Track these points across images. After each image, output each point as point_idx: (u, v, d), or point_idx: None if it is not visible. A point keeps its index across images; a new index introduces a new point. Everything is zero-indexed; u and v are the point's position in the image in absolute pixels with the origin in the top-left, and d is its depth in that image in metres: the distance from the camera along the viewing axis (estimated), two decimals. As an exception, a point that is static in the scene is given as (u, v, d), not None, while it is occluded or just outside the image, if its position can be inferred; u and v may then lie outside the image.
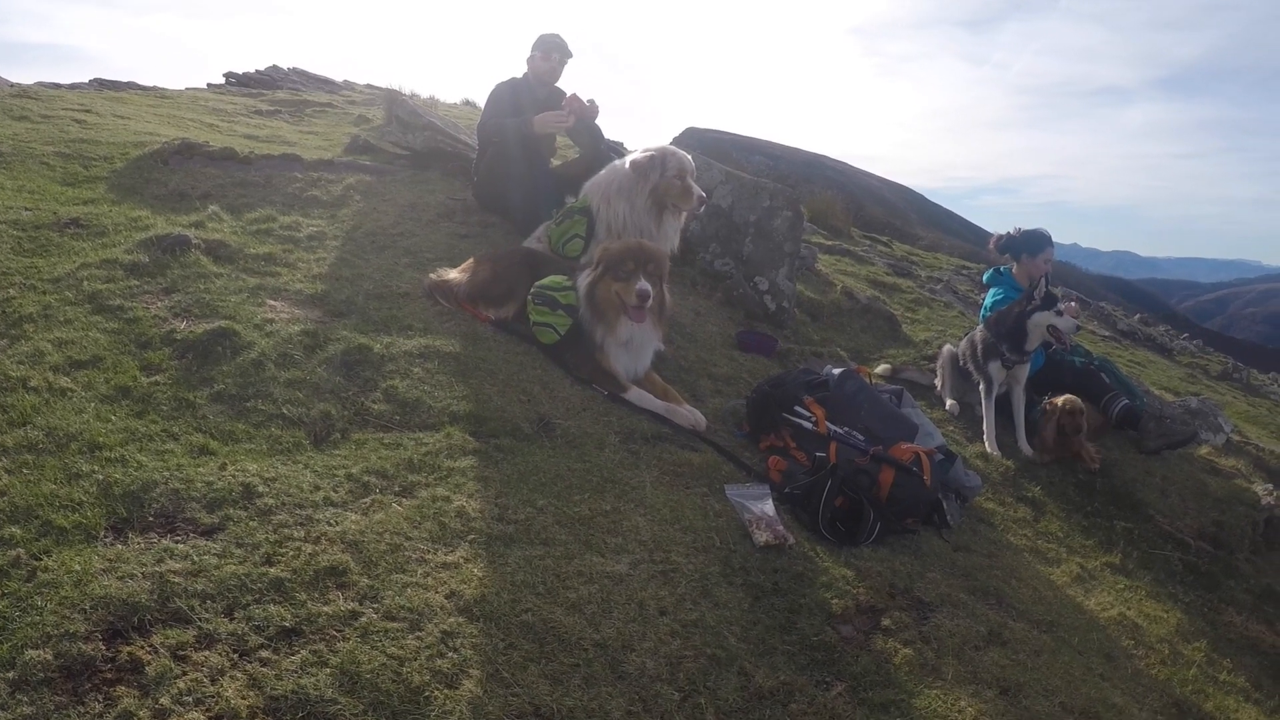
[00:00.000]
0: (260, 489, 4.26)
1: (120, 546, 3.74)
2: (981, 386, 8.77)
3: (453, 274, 7.20)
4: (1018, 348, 8.65)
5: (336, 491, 4.39)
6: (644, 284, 6.32)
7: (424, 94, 19.38)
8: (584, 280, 6.50)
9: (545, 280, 6.64)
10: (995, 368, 8.64)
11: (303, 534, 3.99)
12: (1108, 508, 7.87)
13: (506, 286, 6.92)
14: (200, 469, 4.36)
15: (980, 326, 9.04)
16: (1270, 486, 9.29)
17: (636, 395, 6.36)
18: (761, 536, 4.98)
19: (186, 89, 17.65)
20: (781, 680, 3.99)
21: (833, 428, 6.23)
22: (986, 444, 8.36)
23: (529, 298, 6.60)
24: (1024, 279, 9.90)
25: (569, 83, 9.88)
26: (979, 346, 8.78)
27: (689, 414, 6.32)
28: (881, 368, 9.43)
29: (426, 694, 3.29)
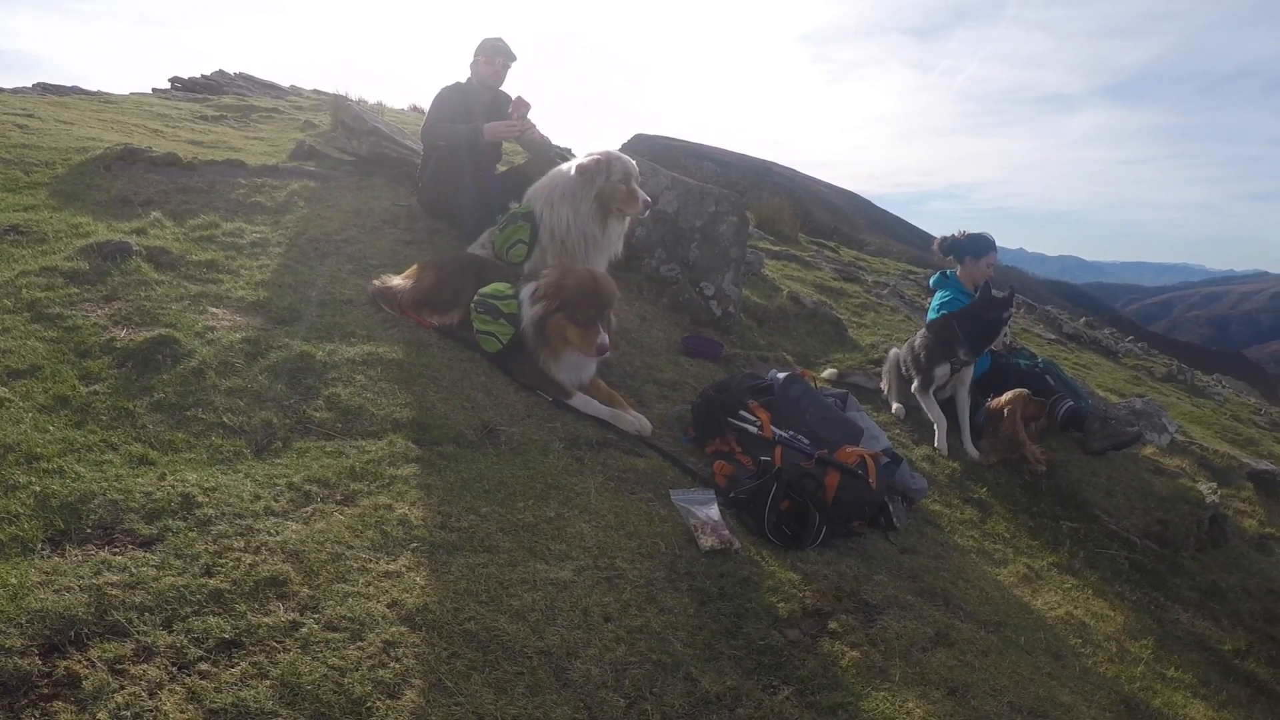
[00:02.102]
0: (200, 499, 4.20)
1: (57, 559, 3.68)
2: (917, 386, 8.83)
3: (396, 280, 7.17)
4: (978, 348, 8.74)
5: (277, 501, 4.35)
6: (604, 338, 6.31)
7: (371, 100, 19.33)
8: (532, 307, 6.43)
9: (488, 288, 6.62)
10: (942, 370, 8.70)
11: (243, 544, 3.94)
12: (1054, 508, 7.95)
13: (451, 293, 6.89)
14: (139, 479, 4.30)
15: (923, 331, 9.08)
16: (1214, 485, 9.40)
17: (581, 401, 6.35)
18: (707, 541, 4.98)
19: (131, 94, 17.48)
20: (728, 685, 3.99)
21: (778, 432, 6.24)
22: (938, 443, 8.45)
23: (472, 305, 6.58)
24: (969, 282, 9.99)
25: (512, 86, 9.89)
26: (923, 350, 8.82)
27: (634, 420, 6.32)
28: (828, 372, 9.46)
29: (368, 705, 3.26)
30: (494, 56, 9.55)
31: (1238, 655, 6.76)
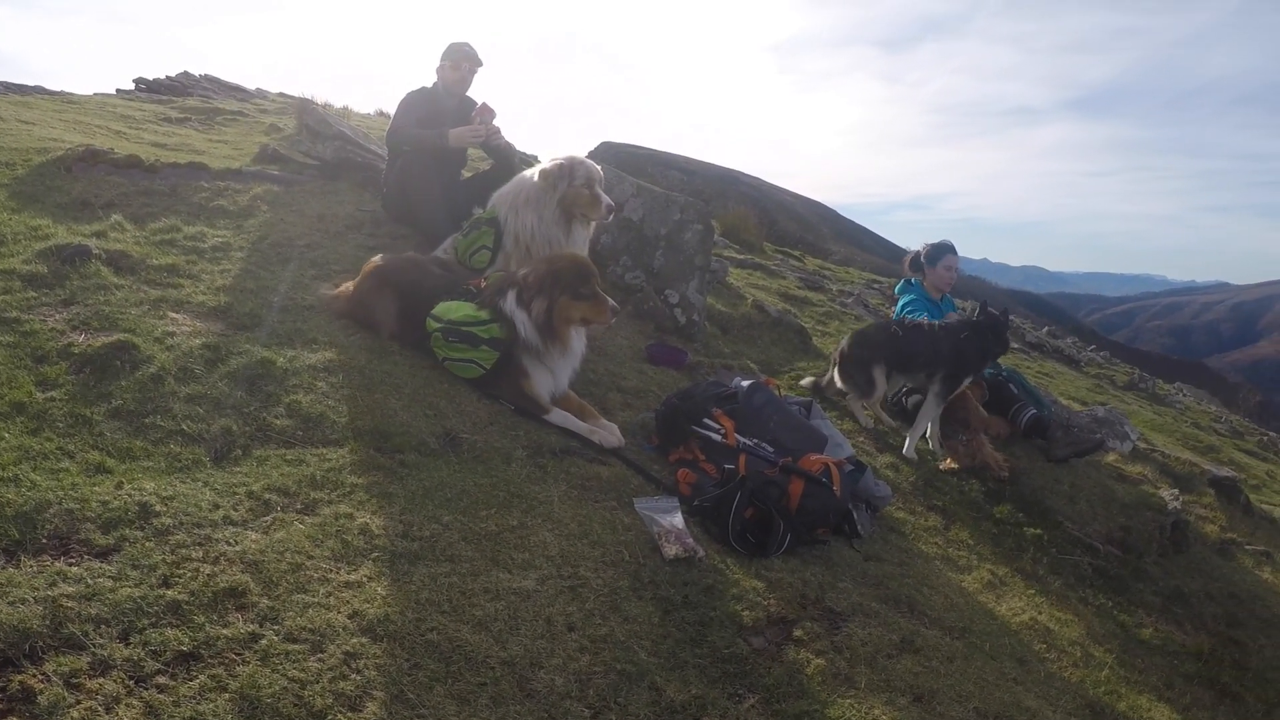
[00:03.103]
0: (158, 508, 4.14)
1: (11, 570, 3.61)
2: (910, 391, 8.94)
3: (346, 287, 7.13)
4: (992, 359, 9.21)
5: (236, 510, 4.29)
6: (613, 301, 6.48)
7: (338, 104, 19.24)
8: (528, 310, 6.36)
9: (454, 314, 6.46)
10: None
11: (201, 554, 3.88)
12: (1017, 515, 7.97)
13: (366, 312, 6.87)
14: (96, 488, 4.23)
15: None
16: (1176, 492, 9.49)
17: (560, 417, 6.34)
18: (671, 549, 4.97)
19: (95, 94, 17.33)
20: (693, 694, 3.98)
21: (742, 440, 6.24)
22: (909, 448, 8.58)
23: (438, 333, 6.46)
24: (933, 289, 10.12)
25: (478, 91, 9.85)
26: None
27: (609, 434, 6.31)
28: (806, 380, 9.45)
29: (329, 718, 3.22)
30: (460, 62, 9.51)
31: (1201, 659, 6.80)
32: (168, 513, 4.13)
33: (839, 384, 9.16)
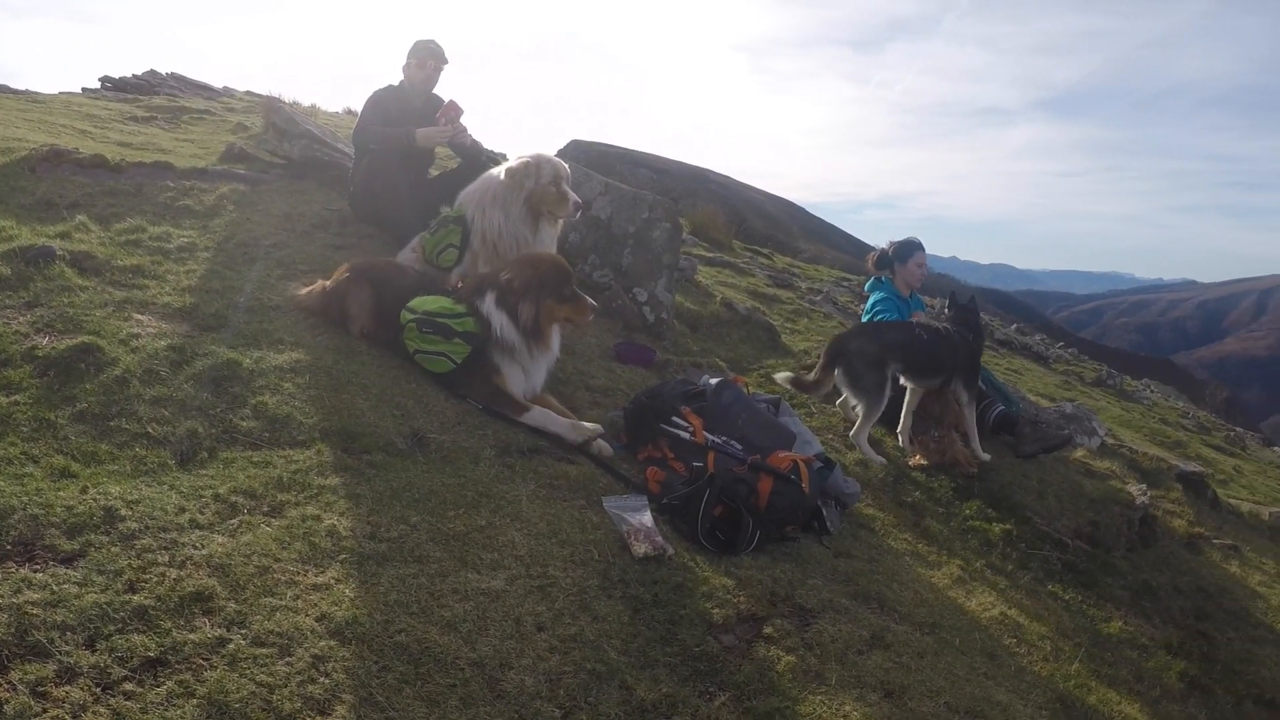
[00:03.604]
0: (123, 512, 4.09)
1: (-25, 576, 3.59)
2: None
3: (319, 284, 7.09)
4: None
5: (203, 513, 4.26)
6: (592, 300, 6.58)
7: (305, 102, 19.15)
8: (514, 313, 6.36)
9: (430, 306, 6.46)
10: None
11: (167, 558, 3.85)
12: (986, 511, 8.00)
13: (340, 307, 6.83)
14: (61, 493, 4.19)
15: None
16: (1144, 487, 9.54)
17: (538, 416, 6.31)
18: (640, 548, 4.97)
19: (60, 93, 17.17)
20: (664, 693, 3.98)
21: (710, 437, 6.24)
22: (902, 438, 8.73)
23: (412, 324, 6.45)
24: (903, 286, 10.12)
25: (445, 88, 9.82)
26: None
27: (589, 429, 6.31)
28: (781, 375, 9.35)
29: (297, 722, 3.21)
30: (425, 59, 9.47)
31: (1170, 652, 6.87)
32: (133, 517, 4.08)
33: (842, 385, 8.76)
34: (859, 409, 8.50)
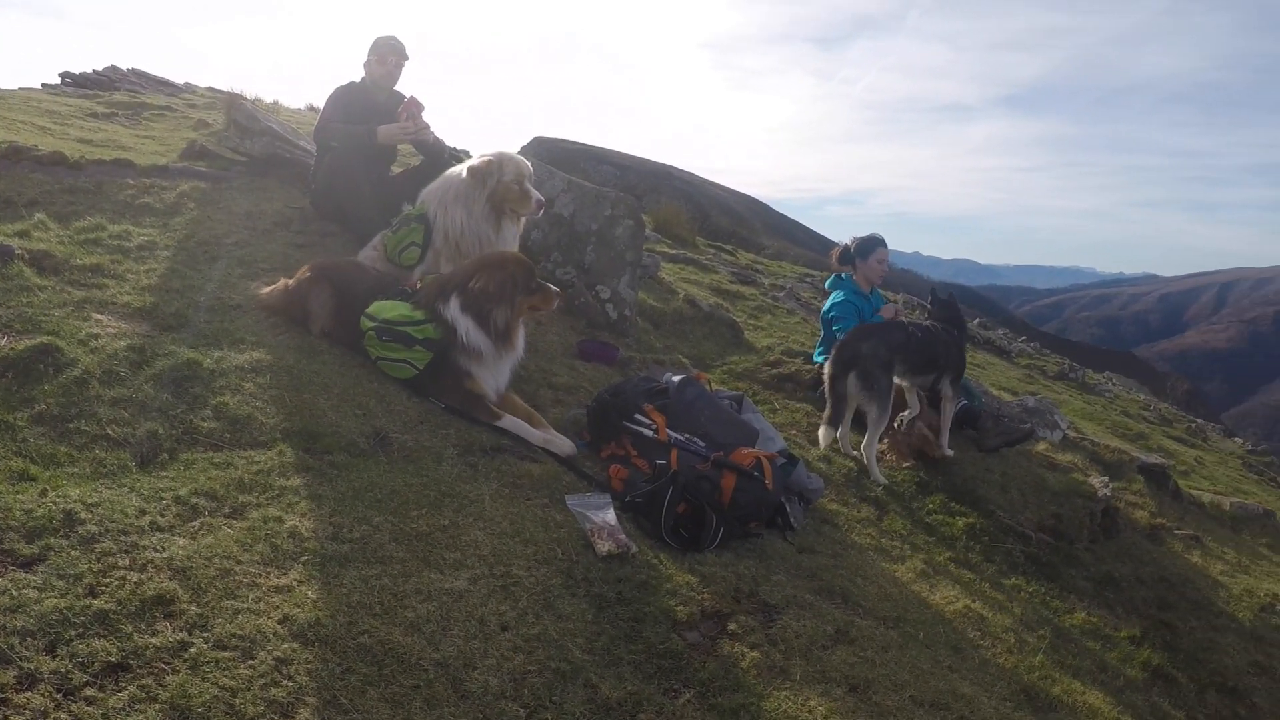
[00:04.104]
0: (83, 515, 4.06)
1: (-66, 582, 3.56)
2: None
3: (281, 283, 7.06)
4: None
5: (163, 515, 4.23)
6: (554, 287, 6.62)
7: (268, 98, 19.01)
8: (483, 317, 6.33)
9: (388, 313, 6.42)
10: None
11: (128, 562, 3.82)
12: (949, 505, 8.05)
13: (301, 306, 6.81)
14: (19, 496, 4.15)
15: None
16: (1106, 479, 9.60)
17: (511, 423, 6.29)
18: (604, 546, 4.97)
19: (19, 89, 17.00)
20: (628, 691, 3.98)
21: (673, 435, 6.24)
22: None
23: (372, 332, 6.42)
24: (864, 282, 10.15)
25: (407, 85, 9.78)
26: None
27: (562, 443, 6.31)
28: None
29: (260, 725, 3.19)
30: (386, 55, 9.42)
31: (1133, 642, 6.94)
32: (93, 520, 4.05)
33: (855, 390, 8.41)
34: (872, 413, 8.32)
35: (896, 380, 8.68)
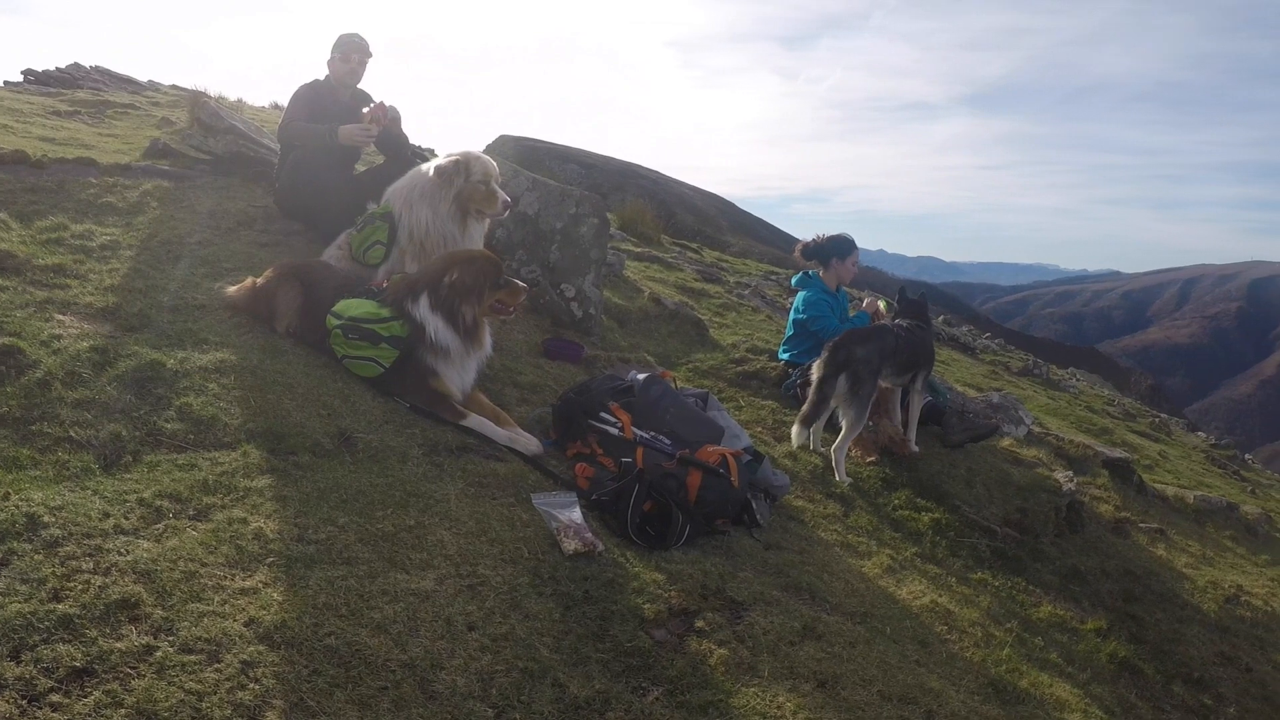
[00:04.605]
0: (46, 519, 4.02)
1: (-105, 587, 3.53)
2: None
3: (249, 281, 7.03)
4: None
5: (128, 518, 4.20)
6: (521, 283, 6.62)
7: (231, 96, 18.91)
8: (453, 314, 6.34)
9: (355, 311, 6.41)
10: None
11: (92, 565, 3.79)
12: (915, 500, 8.09)
13: (268, 304, 6.78)
14: (-19, 499, 4.13)
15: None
16: (1070, 474, 9.67)
17: (476, 422, 6.27)
18: (570, 545, 4.98)
19: (-20, 87, 16.90)
20: (597, 689, 3.99)
21: (639, 433, 6.26)
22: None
23: (337, 330, 6.39)
24: (833, 282, 10.19)
25: (370, 83, 9.72)
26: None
27: (529, 442, 6.30)
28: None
29: (227, 729, 3.18)
30: (350, 54, 9.37)
31: (1099, 634, 6.98)
32: (56, 523, 4.02)
33: (843, 392, 8.39)
34: (848, 418, 8.35)
35: (882, 381, 8.73)
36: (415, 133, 9.49)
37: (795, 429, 8.37)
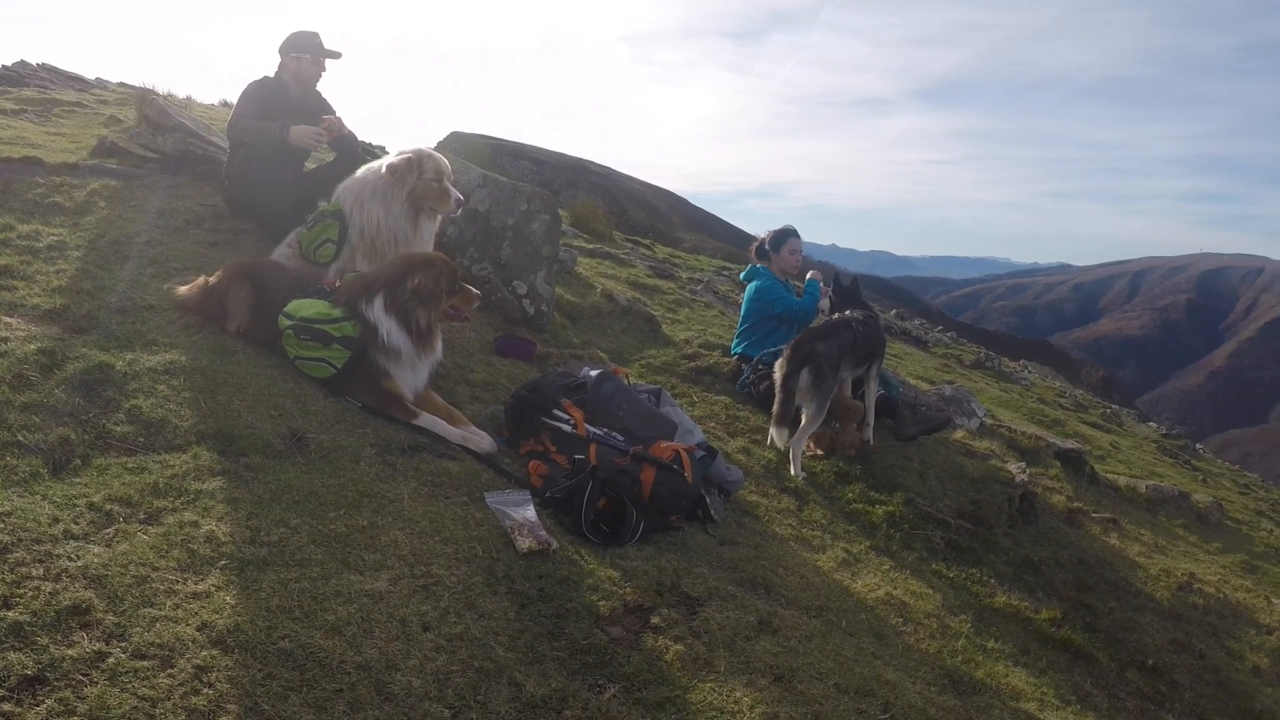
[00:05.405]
0: (-6, 525, 4.00)
1: None
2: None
3: (200, 280, 6.98)
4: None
5: (77, 523, 4.15)
6: (475, 289, 6.64)
7: (180, 94, 18.76)
8: (406, 316, 6.31)
9: (306, 311, 6.36)
10: None
11: (42, 571, 3.75)
12: (869, 493, 8.14)
13: (219, 303, 6.75)
14: (-72, 506, 4.08)
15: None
16: (1023, 465, 9.75)
17: (428, 421, 6.26)
18: (524, 543, 4.98)
19: (-75, 86, 16.69)
20: (553, 688, 3.99)
21: (592, 429, 6.25)
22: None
23: (289, 330, 6.35)
24: (779, 272, 10.28)
25: (324, 82, 9.66)
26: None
27: (481, 440, 6.29)
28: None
29: (181, 735, 3.15)
30: (320, 56, 9.33)
31: (1054, 624, 7.06)
32: (5, 529, 3.97)
33: (805, 388, 8.47)
34: (809, 412, 8.43)
35: (842, 373, 8.77)
36: (365, 129, 9.45)
37: (773, 431, 8.42)
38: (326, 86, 9.62)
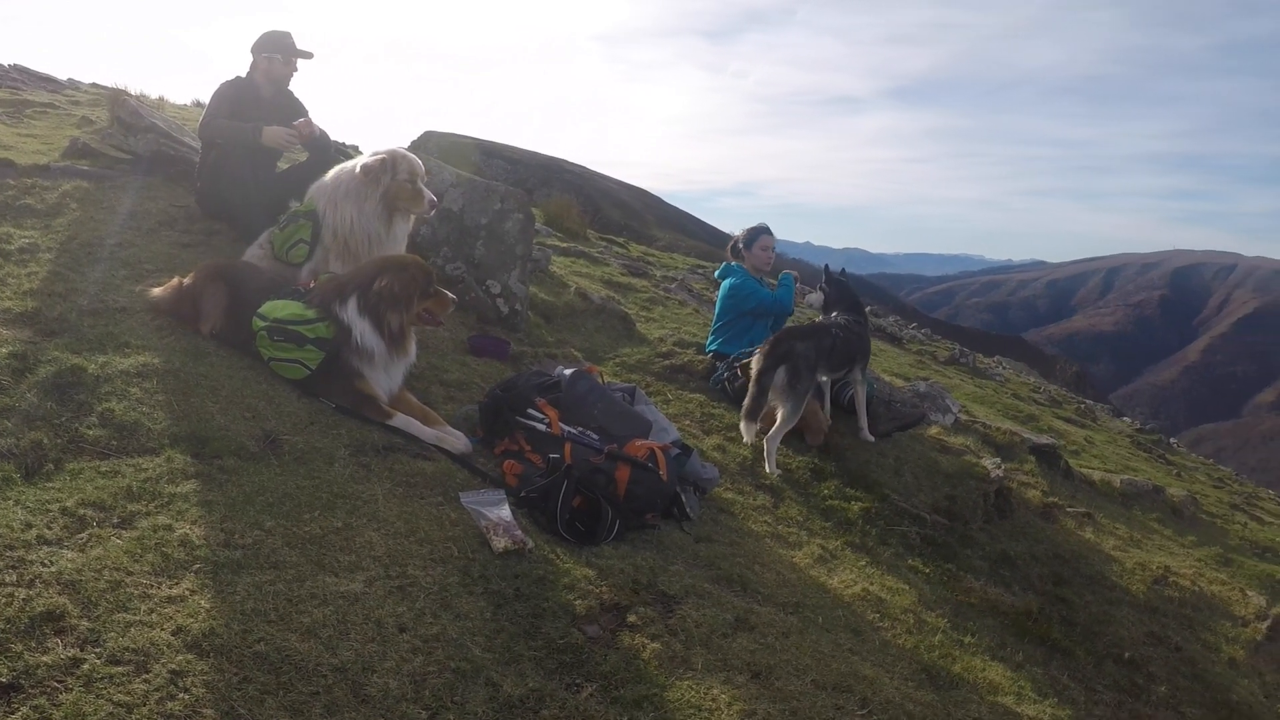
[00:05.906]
0: (-34, 531, 3.97)
1: None
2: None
3: (175, 281, 6.95)
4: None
5: (51, 528, 4.13)
6: (450, 294, 6.62)
7: (153, 94, 18.66)
8: (379, 317, 6.29)
9: (280, 312, 6.35)
10: None
11: (15, 577, 3.73)
12: (844, 490, 8.15)
13: (193, 304, 6.72)
14: (-100, 512, 4.05)
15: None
16: (998, 460, 9.78)
17: (402, 421, 6.24)
18: (500, 542, 4.98)
19: (-105, 88, 16.58)
20: (530, 687, 3.99)
21: (566, 428, 6.26)
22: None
23: (263, 332, 6.33)
24: (752, 269, 10.32)
25: (296, 82, 9.61)
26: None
27: (456, 440, 6.28)
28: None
29: (157, 740, 3.14)
30: (291, 57, 9.28)
31: (1030, 618, 7.08)
32: (-23, 535, 3.96)
33: (780, 386, 8.49)
34: (783, 411, 8.44)
35: (820, 375, 8.79)
36: (336, 129, 9.42)
37: (743, 425, 8.42)
38: (300, 86, 9.59)
